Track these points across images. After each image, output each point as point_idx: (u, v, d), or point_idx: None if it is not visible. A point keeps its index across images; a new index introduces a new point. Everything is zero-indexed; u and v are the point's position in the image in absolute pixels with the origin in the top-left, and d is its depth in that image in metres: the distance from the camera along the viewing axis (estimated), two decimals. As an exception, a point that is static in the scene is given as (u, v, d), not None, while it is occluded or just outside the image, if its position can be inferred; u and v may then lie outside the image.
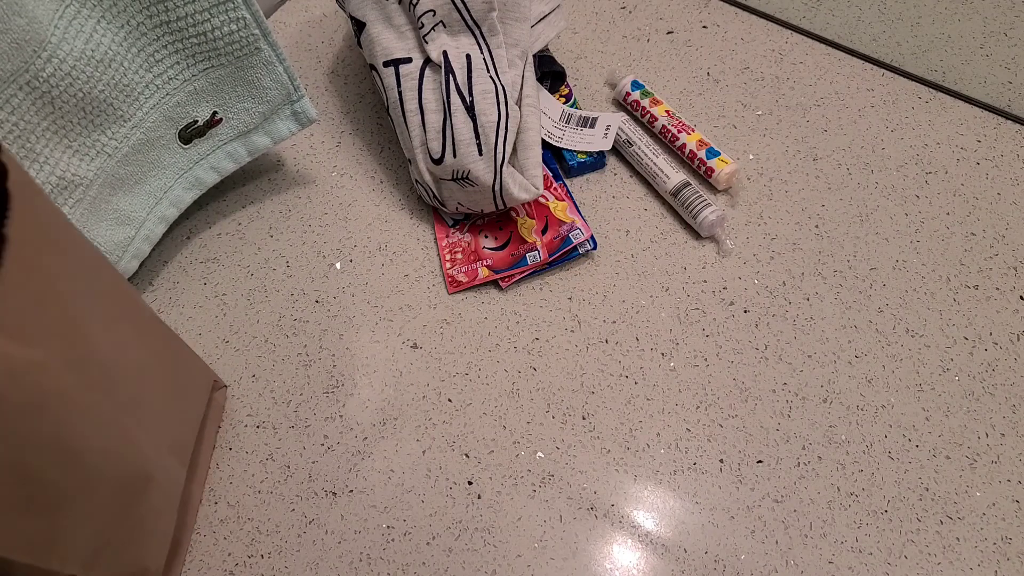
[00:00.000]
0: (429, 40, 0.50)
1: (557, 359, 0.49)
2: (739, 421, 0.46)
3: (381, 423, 0.47)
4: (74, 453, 0.30)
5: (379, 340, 0.50)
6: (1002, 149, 0.58)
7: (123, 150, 0.46)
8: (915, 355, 0.49)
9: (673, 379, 0.48)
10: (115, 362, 0.34)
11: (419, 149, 0.52)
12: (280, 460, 0.46)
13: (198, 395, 0.44)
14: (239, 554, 0.43)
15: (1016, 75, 0.61)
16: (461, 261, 0.53)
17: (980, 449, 0.45)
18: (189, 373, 0.43)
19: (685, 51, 0.65)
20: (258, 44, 0.48)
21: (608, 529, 0.43)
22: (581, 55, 0.65)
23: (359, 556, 0.43)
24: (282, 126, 0.53)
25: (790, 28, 0.66)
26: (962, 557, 0.42)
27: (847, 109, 0.61)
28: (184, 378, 0.42)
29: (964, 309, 0.50)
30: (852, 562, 0.42)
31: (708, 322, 0.50)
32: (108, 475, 0.33)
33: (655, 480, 0.45)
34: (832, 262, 0.53)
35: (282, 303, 0.52)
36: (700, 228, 0.53)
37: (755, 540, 0.43)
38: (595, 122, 0.58)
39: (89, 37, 0.41)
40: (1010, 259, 0.52)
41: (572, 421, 0.47)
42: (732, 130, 0.60)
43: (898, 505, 0.43)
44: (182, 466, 0.40)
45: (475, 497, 0.44)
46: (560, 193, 0.55)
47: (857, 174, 0.57)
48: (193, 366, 0.44)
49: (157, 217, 0.50)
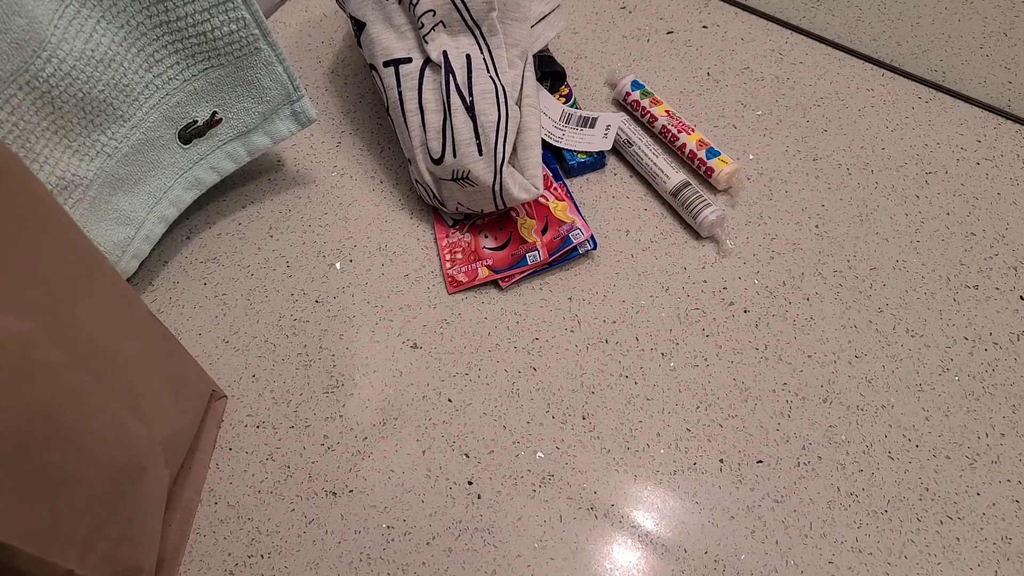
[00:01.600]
0: (429, 40, 0.50)
1: (557, 359, 0.49)
2: (739, 421, 0.46)
3: (381, 423, 0.47)
4: (65, 431, 0.30)
5: (379, 340, 0.50)
6: (1002, 149, 0.58)
7: (123, 150, 0.46)
8: (915, 355, 0.49)
9: (673, 379, 0.48)
10: (107, 348, 0.34)
11: (419, 149, 0.52)
12: (280, 460, 0.46)
13: (195, 398, 0.44)
14: (239, 554, 0.43)
15: (1016, 75, 0.61)
16: (461, 261, 0.53)
17: (980, 449, 0.45)
18: (186, 374, 0.43)
19: (685, 51, 0.65)
20: (258, 44, 0.48)
21: (608, 529, 0.43)
22: (581, 55, 0.65)
23: (359, 556, 0.43)
24: (282, 126, 0.53)
25: (790, 28, 0.66)
26: (962, 557, 0.42)
27: (847, 109, 0.61)
28: (180, 378, 0.42)
29: (964, 309, 0.50)
30: (852, 562, 0.42)
31: (708, 322, 0.50)
32: (101, 460, 0.33)
33: (655, 480, 0.45)
34: (832, 262, 0.53)
35: (282, 303, 0.52)
36: (700, 228, 0.53)
37: (755, 540, 0.43)
38: (595, 122, 0.58)
39: (89, 37, 0.41)
40: (1010, 259, 0.52)
41: (572, 421, 0.47)
42: (732, 130, 0.60)
43: (898, 505, 0.43)
44: (168, 467, 0.40)
45: (475, 497, 0.44)
46: (560, 193, 0.55)
47: (857, 174, 0.57)
48: (191, 370, 0.44)
49: (157, 217, 0.50)
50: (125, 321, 0.37)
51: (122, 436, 0.35)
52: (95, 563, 0.33)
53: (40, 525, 0.29)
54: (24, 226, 0.29)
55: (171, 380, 0.41)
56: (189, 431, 0.43)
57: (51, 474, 0.30)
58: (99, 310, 0.34)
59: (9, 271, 0.28)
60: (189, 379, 0.44)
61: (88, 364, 0.33)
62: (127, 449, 0.36)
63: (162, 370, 0.40)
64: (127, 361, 0.36)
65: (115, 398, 0.35)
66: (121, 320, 0.36)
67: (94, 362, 0.33)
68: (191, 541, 0.44)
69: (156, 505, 0.40)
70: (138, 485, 0.37)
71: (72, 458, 0.31)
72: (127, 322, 0.37)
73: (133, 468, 0.36)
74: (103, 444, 0.33)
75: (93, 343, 0.33)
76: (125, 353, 0.36)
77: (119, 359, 0.36)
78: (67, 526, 0.31)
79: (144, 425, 0.38)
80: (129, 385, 0.36)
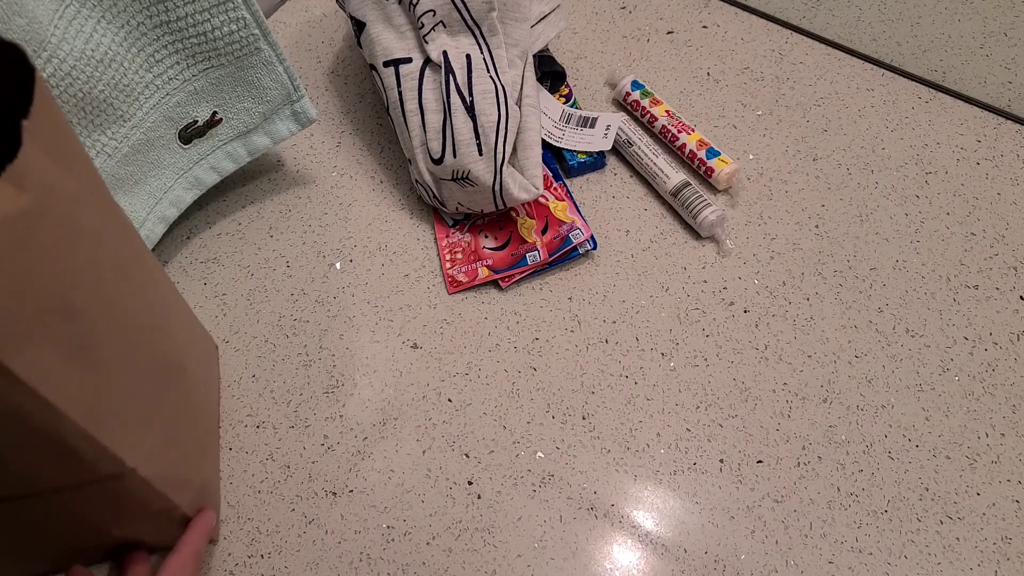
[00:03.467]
0: (429, 40, 0.50)
1: (557, 359, 0.49)
2: (739, 421, 0.46)
3: (381, 423, 0.47)
4: (108, 302, 0.31)
5: (379, 340, 0.50)
6: (1002, 149, 0.58)
7: (123, 150, 0.46)
8: (915, 355, 0.49)
9: (673, 379, 0.48)
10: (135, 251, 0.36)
11: (419, 149, 0.52)
12: (280, 460, 0.46)
13: (209, 345, 0.47)
14: (239, 554, 0.43)
15: (1016, 75, 0.61)
16: (461, 261, 0.53)
17: (980, 449, 0.45)
18: (196, 325, 0.46)
19: (685, 51, 0.65)
20: (258, 44, 0.48)
21: (608, 529, 0.43)
22: (581, 55, 0.65)
23: (359, 556, 0.43)
24: (282, 126, 0.53)
25: (790, 28, 0.66)
26: (962, 557, 0.42)
27: (847, 109, 0.60)
28: (193, 322, 0.45)
29: (964, 309, 0.50)
30: (852, 562, 0.42)
31: (708, 322, 0.50)
32: (143, 345, 0.34)
33: (655, 480, 0.45)
34: (832, 262, 0.53)
35: (282, 303, 0.52)
36: (700, 228, 0.53)
37: (755, 540, 0.43)
38: (595, 122, 0.58)
39: (89, 37, 0.41)
40: (1010, 259, 0.52)
41: (572, 421, 0.47)
42: (732, 130, 0.60)
43: (898, 505, 0.43)
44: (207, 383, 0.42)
45: (475, 497, 0.44)
46: (560, 193, 0.55)
47: (857, 174, 0.57)
48: (199, 326, 0.47)
49: (157, 217, 0.50)
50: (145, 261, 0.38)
51: (161, 329, 0.36)
52: (142, 457, 0.34)
53: (86, 395, 0.29)
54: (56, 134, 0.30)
55: (191, 317, 0.43)
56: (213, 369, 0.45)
57: (97, 342, 0.30)
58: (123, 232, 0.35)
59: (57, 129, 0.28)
60: (199, 330, 0.46)
61: (125, 245, 0.34)
62: (166, 344, 0.36)
63: (180, 306, 0.42)
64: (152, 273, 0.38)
65: (151, 288, 0.36)
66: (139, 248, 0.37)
67: (130, 256, 0.34)
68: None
69: (200, 416, 0.41)
70: (179, 383, 0.38)
71: (118, 332, 0.31)
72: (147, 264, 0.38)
73: (174, 365, 0.37)
74: (145, 330, 0.34)
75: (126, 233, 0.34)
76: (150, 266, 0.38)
77: (146, 268, 0.37)
78: (114, 405, 0.31)
79: (180, 329, 0.39)
80: (160, 294, 0.38)
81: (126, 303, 0.33)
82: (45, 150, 0.26)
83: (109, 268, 0.31)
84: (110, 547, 0.41)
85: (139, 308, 0.34)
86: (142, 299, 0.35)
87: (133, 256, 0.35)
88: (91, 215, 0.30)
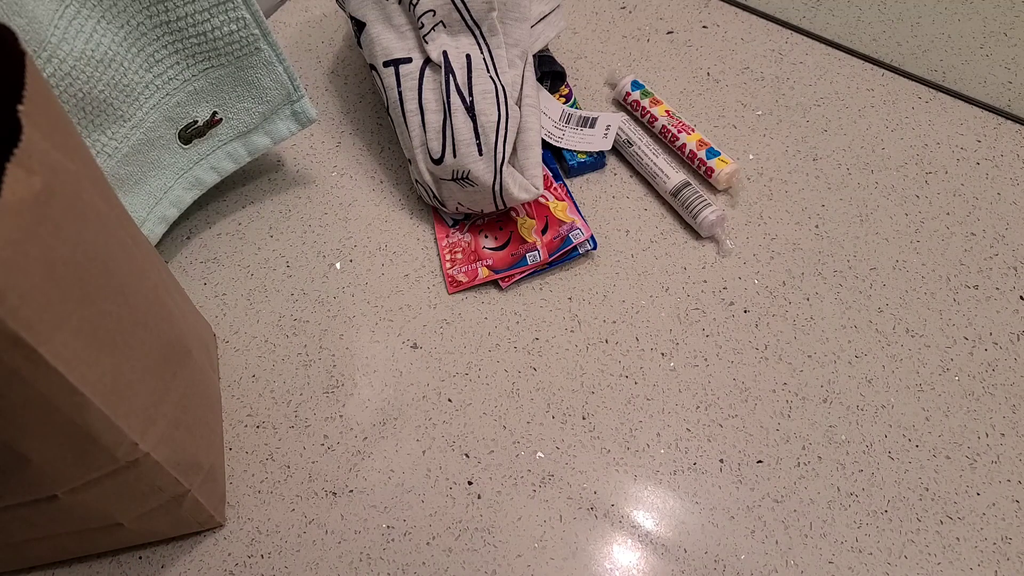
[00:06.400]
0: (429, 40, 0.50)
1: (557, 359, 0.49)
2: (739, 421, 0.46)
3: (381, 423, 0.47)
4: (119, 284, 0.31)
5: (379, 340, 0.50)
6: (1002, 149, 0.58)
7: (123, 150, 0.46)
8: (915, 355, 0.49)
9: (673, 379, 0.48)
10: (135, 235, 0.36)
11: (419, 149, 0.52)
12: (280, 460, 0.46)
13: (207, 331, 0.47)
14: (239, 554, 0.43)
15: (1016, 75, 0.61)
16: (461, 261, 0.53)
17: (980, 449, 0.45)
18: (196, 311, 0.46)
19: (685, 51, 0.65)
20: (258, 44, 0.48)
21: (608, 529, 0.43)
22: (581, 55, 0.65)
23: (359, 556, 0.43)
24: (282, 126, 0.53)
25: (790, 28, 0.66)
26: (962, 557, 0.42)
27: (847, 109, 0.61)
28: (194, 310, 0.46)
29: (964, 309, 0.50)
30: (852, 562, 0.42)
31: (708, 322, 0.50)
32: (151, 328, 0.34)
33: (655, 480, 0.45)
34: (832, 262, 0.53)
35: (282, 303, 0.52)
36: (700, 228, 0.53)
37: (755, 540, 0.43)
38: (595, 122, 0.58)
39: (89, 37, 0.41)
40: (1010, 259, 0.52)
41: (572, 421, 0.47)
42: (732, 130, 0.60)
43: (898, 505, 0.43)
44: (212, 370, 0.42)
45: (475, 497, 0.44)
46: (560, 193, 0.55)
47: (857, 174, 0.57)
48: (197, 315, 0.47)
49: (157, 217, 0.50)
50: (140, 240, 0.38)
51: (165, 312, 0.36)
52: (154, 441, 0.34)
53: (105, 379, 0.29)
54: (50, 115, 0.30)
55: (187, 304, 0.44)
56: (212, 353, 0.45)
57: (110, 324, 0.30)
58: (123, 220, 0.35)
59: (54, 115, 0.28)
60: (198, 316, 0.47)
61: (126, 229, 0.34)
62: (171, 327, 0.37)
63: (179, 291, 0.42)
64: (153, 261, 0.38)
65: (153, 273, 0.36)
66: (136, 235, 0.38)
67: (129, 230, 0.34)
68: (191, 541, 0.44)
69: (206, 399, 0.41)
70: (186, 366, 0.38)
71: (127, 314, 0.32)
72: (143, 243, 0.38)
73: (179, 348, 0.37)
74: (151, 312, 0.34)
75: (125, 217, 0.35)
76: (148, 254, 0.38)
77: (146, 254, 0.37)
78: (128, 389, 0.31)
79: (182, 315, 0.40)
80: (162, 278, 0.38)
81: (132, 285, 0.33)
82: (44, 134, 0.26)
83: (115, 250, 0.31)
84: (113, 547, 0.41)
85: (144, 291, 0.34)
86: (146, 282, 0.35)
87: (134, 241, 0.35)
88: (94, 197, 0.30)
